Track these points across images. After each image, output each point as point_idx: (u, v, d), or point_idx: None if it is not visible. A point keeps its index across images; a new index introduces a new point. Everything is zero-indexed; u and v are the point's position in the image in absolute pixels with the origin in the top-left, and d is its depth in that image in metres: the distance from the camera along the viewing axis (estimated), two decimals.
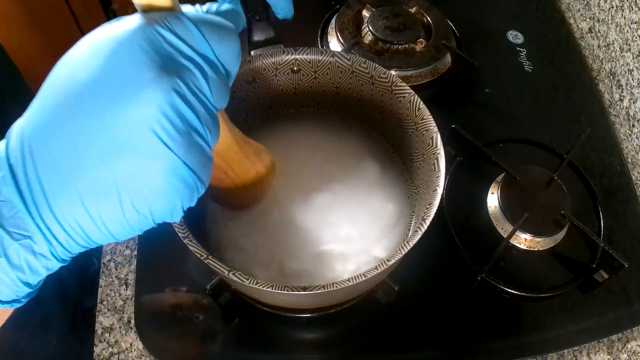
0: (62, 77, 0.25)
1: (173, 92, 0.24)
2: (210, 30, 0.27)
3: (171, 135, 0.24)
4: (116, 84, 0.24)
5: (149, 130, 0.24)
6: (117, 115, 0.24)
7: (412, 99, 0.47)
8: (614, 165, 0.65)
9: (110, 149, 0.24)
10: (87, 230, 0.25)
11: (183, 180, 0.26)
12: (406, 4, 0.74)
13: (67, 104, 0.24)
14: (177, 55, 0.25)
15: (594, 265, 0.55)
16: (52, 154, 0.24)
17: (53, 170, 0.24)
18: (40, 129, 0.24)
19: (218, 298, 0.50)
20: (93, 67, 0.24)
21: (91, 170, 0.24)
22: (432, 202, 0.41)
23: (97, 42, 0.25)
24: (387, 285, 0.47)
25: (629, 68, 0.69)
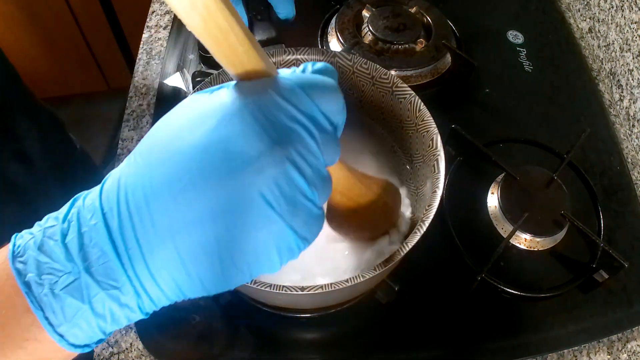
0: (166, 137, 0.26)
1: (287, 162, 0.25)
2: (315, 91, 0.27)
3: (280, 203, 0.25)
4: (228, 153, 0.24)
5: (259, 197, 0.24)
6: (227, 183, 0.24)
7: (413, 100, 0.47)
8: (614, 165, 0.65)
9: (215, 211, 0.24)
10: (182, 287, 0.25)
11: (286, 242, 0.26)
12: (406, 4, 0.74)
13: (171, 167, 0.24)
14: (288, 121, 0.25)
15: (594, 265, 0.55)
16: (152, 211, 0.24)
17: (151, 226, 0.24)
18: (140, 187, 0.24)
19: (218, 298, 0.50)
20: (202, 133, 0.25)
21: (192, 230, 0.24)
22: (431, 204, 0.41)
23: (205, 109, 0.26)
24: (387, 285, 0.48)
25: (629, 68, 0.69)
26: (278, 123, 0.25)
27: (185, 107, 0.27)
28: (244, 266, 0.26)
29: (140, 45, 0.74)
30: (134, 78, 0.70)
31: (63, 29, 1.35)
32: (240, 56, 0.26)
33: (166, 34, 0.74)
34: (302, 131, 0.26)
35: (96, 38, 1.40)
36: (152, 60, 0.72)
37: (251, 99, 0.25)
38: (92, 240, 0.24)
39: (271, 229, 0.25)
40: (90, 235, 0.25)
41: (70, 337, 0.25)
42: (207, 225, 0.24)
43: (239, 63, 0.26)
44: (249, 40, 0.26)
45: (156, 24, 0.76)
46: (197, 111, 0.26)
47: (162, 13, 0.77)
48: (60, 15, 1.31)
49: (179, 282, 0.25)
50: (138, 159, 0.26)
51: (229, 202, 0.24)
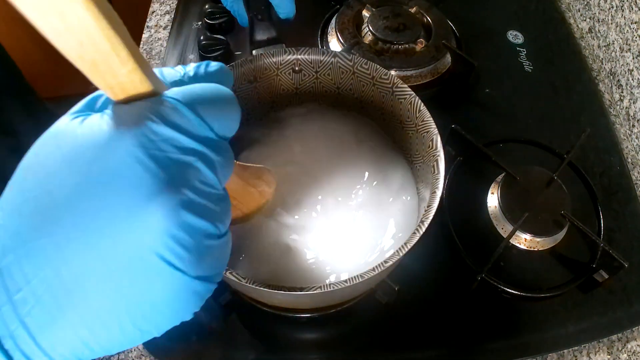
0: (31, 191, 0.21)
1: (180, 209, 0.21)
2: (206, 107, 0.23)
3: (180, 256, 0.21)
4: (109, 207, 0.20)
5: (153, 256, 0.21)
6: (113, 243, 0.20)
7: (413, 101, 0.47)
8: (614, 165, 0.65)
9: (105, 278, 0.21)
10: (81, 355, 0.22)
11: (194, 292, 0.23)
12: (406, 4, 0.74)
13: (44, 229, 0.20)
14: (178, 153, 0.21)
15: (594, 265, 0.55)
16: (32, 285, 0.20)
17: (36, 303, 0.20)
18: (13, 257, 0.20)
19: (218, 298, 0.50)
20: (75, 184, 0.21)
21: (82, 301, 0.21)
22: (431, 204, 0.41)
23: (74, 149, 0.21)
24: (387, 285, 0.48)
25: (629, 68, 0.69)
26: (165, 160, 0.21)
27: (53, 144, 0.22)
28: (148, 327, 0.22)
29: (140, 45, 0.74)
30: None
31: None
32: (122, 78, 0.21)
33: (166, 34, 0.74)
34: (196, 161, 0.22)
35: None
36: (152, 60, 0.72)
37: (130, 133, 0.21)
38: None
39: (175, 285, 0.22)
40: None
41: None
42: (98, 294, 0.21)
43: (120, 87, 0.22)
44: (133, 59, 0.21)
45: (156, 24, 0.76)
46: (67, 152, 0.21)
47: (162, 13, 0.77)
48: None
49: (79, 353, 0.22)
50: (6, 221, 0.21)
51: (120, 267, 0.20)
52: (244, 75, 0.49)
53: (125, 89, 0.22)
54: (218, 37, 0.69)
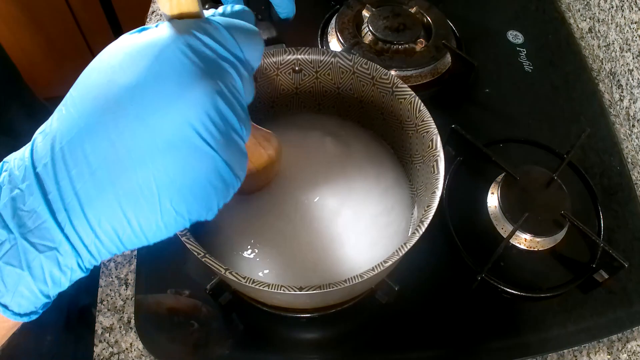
0: (96, 82, 0.25)
1: (216, 95, 0.25)
2: (238, 32, 0.28)
3: (213, 136, 0.25)
4: (159, 88, 0.24)
5: (192, 131, 0.24)
6: (161, 117, 0.24)
7: (413, 101, 0.47)
8: (614, 165, 0.65)
9: (152, 150, 0.24)
10: (122, 236, 0.25)
11: (222, 178, 0.26)
12: (406, 4, 0.74)
13: (105, 108, 0.24)
14: (216, 58, 0.26)
15: (594, 265, 0.55)
16: (89, 160, 0.24)
17: (90, 176, 0.24)
18: (75, 135, 0.24)
19: (218, 298, 0.50)
20: (133, 72, 0.24)
21: (131, 173, 0.24)
22: (430, 205, 0.41)
23: (134, 48, 0.25)
24: (387, 285, 0.48)
25: (629, 68, 0.69)
26: (206, 58, 0.25)
27: (115, 48, 0.26)
28: (182, 208, 0.25)
29: None
30: None
31: (63, 29, 1.35)
32: None
33: None
34: (228, 67, 0.26)
35: (96, 38, 1.40)
36: None
37: (181, 36, 0.25)
38: (26, 203, 0.24)
39: (207, 165, 0.25)
40: (23, 198, 0.24)
41: (14, 306, 0.25)
42: (145, 166, 0.24)
43: (177, 4, 0.27)
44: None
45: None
46: (128, 51, 0.25)
47: (162, 13, 0.77)
48: (60, 15, 1.31)
49: (119, 231, 0.25)
50: (70, 109, 0.25)
51: (164, 140, 0.24)
52: None
53: (181, 7, 0.27)
54: None
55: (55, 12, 1.30)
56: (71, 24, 1.34)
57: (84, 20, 1.35)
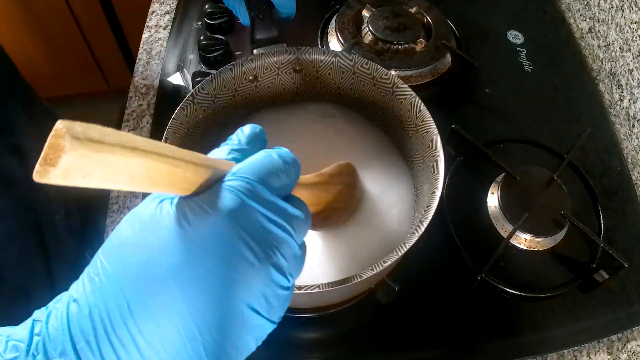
0: (135, 259, 0.24)
1: (272, 271, 0.25)
2: (272, 179, 0.27)
3: (266, 308, 0.26)
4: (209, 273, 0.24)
5: (247, 309, 0.25)
6: (212, 301, 0.24)
7: (413, 101, 0.47)
8: (614, 165, 0.65)
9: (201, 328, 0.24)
10: None
11: (265, 335, 0.27)
12: (406, 4, 0.74)
13: (150, 289, 0.24)
14: (266, 225, 0.25)
15: (594, 265, 0.55)
16: (134, 337, 0.23)
17: (135, 352, 0.23)
18: (117, 314, 0.23)
19: None
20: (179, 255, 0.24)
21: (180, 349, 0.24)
22: (430, 205, 0.41)
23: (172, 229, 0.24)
24: (387, 285, 0.48)
25: (629, 68, 0.69)
26: (256, 232, 0.25)
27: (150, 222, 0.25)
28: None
29: (140, 45, 0.73)
30: (134, 78, 0.70)
31: (63, 29, 1.35)
32: (192, 179, 0.25)
33: (166, 34, 0.74)
34: (279, 231, 0.26)
35: (96, 38, 1.40)
36: (152, 60, 0.72)
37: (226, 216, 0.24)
38: None
39: (255, 329, 0.26)
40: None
41: None
42: (195, 343, 0.24)
43: (192, 185, 0.25)
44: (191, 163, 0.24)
45: (156, 24, 0.76)
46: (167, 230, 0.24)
47: (162, 13, 0.77)
48: (60, 15, 1.31)
49: None
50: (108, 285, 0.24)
51: (216, 319, 0.24)
52: (244, 74, 0.49)
53: (196, 184, 0.25)
54: (218, 37, 0.69)
55: (55, 12, 1.30)
56: (71, 24, 1.34)
57: (84, 20, 1.35)
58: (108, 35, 1.38)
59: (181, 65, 0.69)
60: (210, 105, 0.48)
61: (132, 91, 0.69)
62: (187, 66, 0.69)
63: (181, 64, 0.69)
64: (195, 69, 0.68)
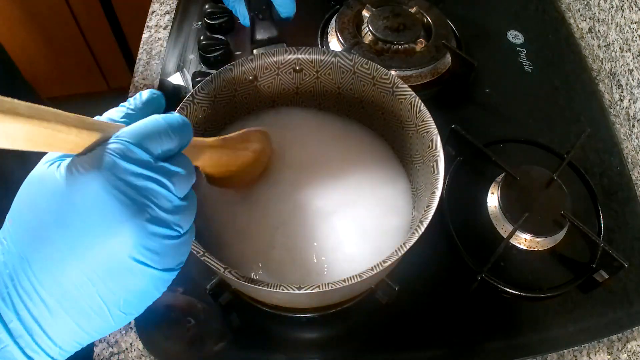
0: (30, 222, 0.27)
1: (146, 225, 0.27)
2: (152, 141, 0.28)
3: (151, 257, 0.27)
4: (90, 230, 0.26)
5: (130, 260, 0.27)
6: (98, 255, 0.26)
7: (413, 101, 0.47)
8: (614, 165, 0.65)
9: (94, 279, 0.27)
10: (81, 341, 0.28)
11: (162, 280, 0.29)
12: (406, 4, 0.74)
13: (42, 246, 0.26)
14: (139, 181, 0.27)
15: (594, 265, 0.55)
16: (37, 290, 0.26)
17: (43, 305, 0.26)
18: (20, 270, 0.26)
19: (218, 298, 0.50)
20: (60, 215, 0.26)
21: (80, 299, 0.27)
22: (430, 205, 0.41)
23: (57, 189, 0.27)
24: (387, 285, 0.48)
25: (629, 68, 0.69)
26: (127, 188, 0.26)
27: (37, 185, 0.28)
28: (130, 310, 0.29)
29: (140, 45, 0.73)
30: (134, 78, 0.70)
31: (63, 29, 1.35)
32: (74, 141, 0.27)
33: (166, 34, 0.74)
34: (153, 185, 0.27)
35: (96, 38, 1.40)
36: (152, 60, 0.72)
37: (96, 173, 0.26)
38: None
39: (148, 279, 0.28)
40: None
41: None
42: (90, 292, 0.27)
43: (75, 146, 0.27)
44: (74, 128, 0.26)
45: (156, 24, 0.76)
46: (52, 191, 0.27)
47: (162, 13, 0.77)
48: (60, 15, 1.31)
49: (79, 339, 0.28)
50: (11, 245, 0.27)
51: (104, 268, 0.26)
52: (244, 74, 0.49)
53: (80, 145, 0.27)
54: (218, 37, 0.69)
55: (55, 12, 1.30)
56: (71, 24, 1.34)
57: (84, 20, 1.35)
58: (108, 35, 1.38)
59: (181, 65, 0.69)
60: (210, 105, 0.48)
61: (132, 91, 0.69)
62: (187, 66, 0.69)
63: (181, 64, 0.69)
64: (195, 69, 0.68)
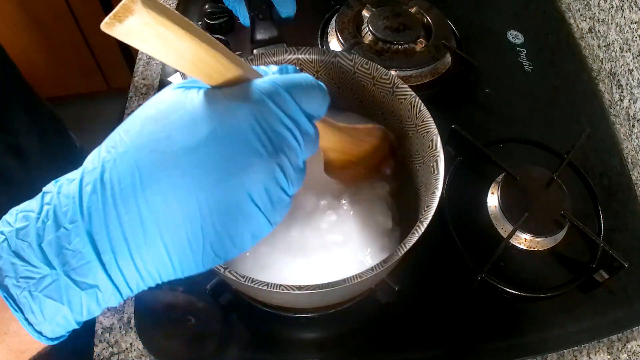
0: (153, 134, 0.25)
1: (277, 168, 0.26)
2: (298, 92, 0.28)
3: (266, 204, 0.27)
4: (222, 157, 0.25)
5: (248, 200, 0.26)
6: (218, 184, 0.25)
7: (413, 101, 0.47)
8: (614, 165, 0.65)
9: (204, 211, 0.25)
10: (163, 275, 0.26)
11: (262, 231, 0.28)
12: (406, 4, 0.74)
13: (162, 164, 0.25)
14: (278, 126, 0.27)
15: (594, 265, 0.55)
16: (141, 212, 0.24)
17: (140, 226, 0.25)
18: (129, 184, 0.24)
19: (218, 298, 0.50)
20: (194, 135, 0.25)
21: (181, 228, 0.25)
22: (430, 205, 0.41)
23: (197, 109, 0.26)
24: (387, 285, 0.48)
25: (629, 68, 0.69)
26: (269, 129, 0.26)
27: (174, 101, 0.27)
28: (222, 253, 0.27)
29: None
30: (134, 78, 0.70)
31: (63, 29, 1.35)
32: (224, 73, 0.27)
33: None
34: (290, 136, 0.27)
35: (96, 38, 1.40)
36: (152, 60, 0.72)
37: (246, 105, 0.26)
38: (72, 243, 0.24)
39: (254, 224, 0.27)
40: (68, 237, 0.24)
41: (48, 333, 0.26)
42: (195, 223, 0.25)
43: (223, 79, 0.27)
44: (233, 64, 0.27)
45: None
46: (190, 109, 0.26)
47: None
48: (60, 15, 1.31)
49: (162, 272, 0.26)
50: (123, 156, 0.25)
51: (218, 202, 0.25)
52: None
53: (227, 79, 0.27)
54: (218, 37, 0.69)
55: (55, 12, 1.30)
56: (71, 24, 1.34)
57: (84, 20, 1.35)
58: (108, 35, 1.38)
59: None
60: None
61: (132, 91, 0.69)
62: None
63: None
64: None
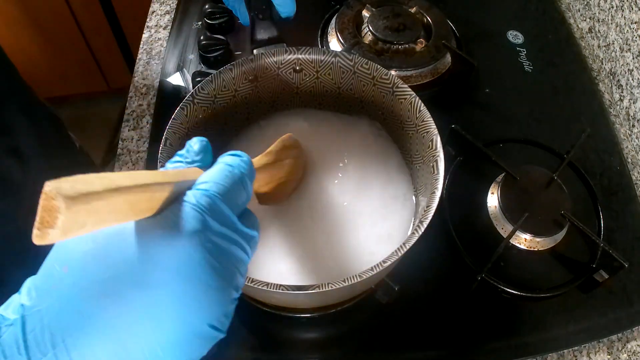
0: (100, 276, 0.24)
1: (234, 292, 0.26)
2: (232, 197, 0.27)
3: (225, 323, 0.26)
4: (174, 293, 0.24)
5: (206, 326, 0.25)
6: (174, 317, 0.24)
7: (413, 101, 0.47)
8: (614, 165, 0.65)
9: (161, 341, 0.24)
10: None
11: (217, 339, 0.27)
12: (406, 4, 0.74)
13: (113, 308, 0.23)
14: (229, 246, 0.26)
15: (594, 265, 0.55)
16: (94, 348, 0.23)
17: None
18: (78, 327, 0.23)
19: None
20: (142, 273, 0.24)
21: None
22: (430, 205, 0.41)
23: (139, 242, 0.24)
24: (387, 285, 0.48)
25: (629, 68, 0.69)
26: (220, 255, 0.25)
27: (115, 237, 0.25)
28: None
29: (140, 45, 0.73)
30: (134, 78, 0.70)
31: (63, 29, 1.35)
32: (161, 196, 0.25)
33: (166, 34, 0.74)
34: (239, 251, 0.26)
35: (96, 38, 1.40)
36: (152, 60, 0.72)
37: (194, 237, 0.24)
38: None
39: (211, 341, 0.26)
40: None
41: None
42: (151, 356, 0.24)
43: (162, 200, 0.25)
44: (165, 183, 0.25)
45: (156, 24, 0.76)
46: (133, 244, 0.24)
47: (162, 13, 0.77)
48: (60, 15, 1.31)
49: None
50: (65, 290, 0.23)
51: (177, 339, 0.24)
52: (244, 74, 0.49)
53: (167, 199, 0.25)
54: (218, 37, 0.69)
55: (55, 12, 1.30)
56: (71, 24, 1.34)
57: (84, 20, 1.35)
58: (108, 35, 1.38)
59: (181, 65, 0.69)
60: (210, 105, 0.48)
61: (132, 91, 0.69)
62: (187, 66, 0.69)
63: (181, 64, 0.69)
64: (195, 69, 0.68)
